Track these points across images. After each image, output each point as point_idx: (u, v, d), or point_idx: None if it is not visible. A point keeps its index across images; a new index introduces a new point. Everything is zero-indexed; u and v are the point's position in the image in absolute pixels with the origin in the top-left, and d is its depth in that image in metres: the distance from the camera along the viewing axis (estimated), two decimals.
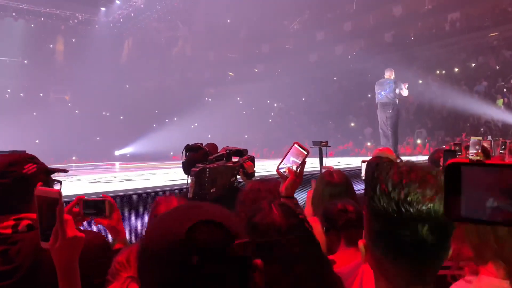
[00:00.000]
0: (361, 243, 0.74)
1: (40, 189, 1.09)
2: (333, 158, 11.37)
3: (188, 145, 2.68)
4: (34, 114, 21.86)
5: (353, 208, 1.77)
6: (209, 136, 20.98)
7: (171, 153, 17.92)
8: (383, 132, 8.79)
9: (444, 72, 17.40)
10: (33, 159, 1.39)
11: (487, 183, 0.47)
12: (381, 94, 8.84)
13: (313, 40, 24.06)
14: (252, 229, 0.94)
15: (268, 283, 0.72)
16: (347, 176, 2.41)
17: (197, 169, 2.23)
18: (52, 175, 1.42)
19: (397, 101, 8.66)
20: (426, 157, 5.33)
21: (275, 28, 25.37)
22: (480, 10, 18.16)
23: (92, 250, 1.25)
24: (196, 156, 2.59)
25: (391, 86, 8.71)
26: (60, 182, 1.43)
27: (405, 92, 8.86)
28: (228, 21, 26.36)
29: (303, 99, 21.29)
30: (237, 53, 26.44)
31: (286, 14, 25.12)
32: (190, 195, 2.21)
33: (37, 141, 19.30)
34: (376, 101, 9.02)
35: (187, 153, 2.67)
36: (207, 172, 2.24)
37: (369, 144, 16.11)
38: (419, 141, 14.63)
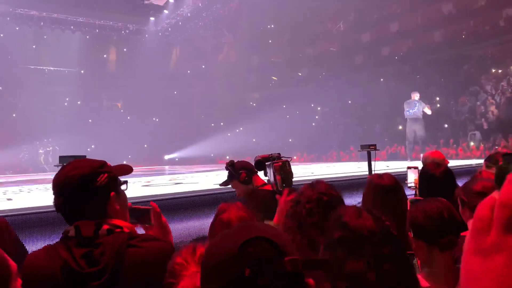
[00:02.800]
0: None
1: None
2: (381, 162, 11.16)
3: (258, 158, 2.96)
4: (90, 121, 23.12)
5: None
6: (254, 140, 21.24)
7: (212, 155, 18.20)
8: (409, 141, 12.11)
9: (500, 71, 16.53)
10: (104, 166, 1.44)
11: None
12: (410, 111, 11.88)
13: (358, 42, 23.69)
14: (342, 226, 1.02)
15: (355, 277, 0.81)
16: (396, 179, 2.41)
17: (282, 162, 2.42)
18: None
19: (421, 116, 11.66)
20: (481, 160, 5.15)
21: (319, 31, 25.24)
22: None
23: (164, 255, 1.30)
24: (244, 163, 2.88)
25: (417, 106, 11.75)
26: (126, 182, 1.50)
27: (428, 111, 11.79)
28: (272, 26, 26.55)
29: (349, 102, 20.98)
30: (281, 57, 26.55)
31: (330, 17, 24.91)
32: (280, 188, 2.39)
33: (92, 146, 20.42)
34: (406, 117, 12.15)
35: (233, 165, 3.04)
36: (287, 166, 2.42)
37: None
38: (472, 144, 14.00)
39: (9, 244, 1.80)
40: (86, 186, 1.34)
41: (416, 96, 12.00)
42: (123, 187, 1.48)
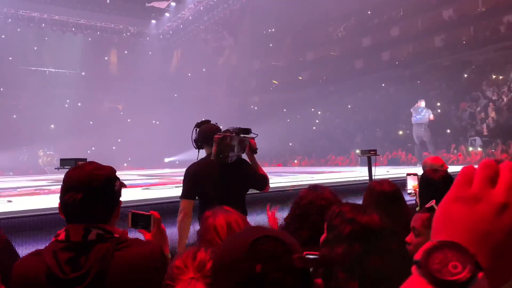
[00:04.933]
0: None
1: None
2: (382, 168, 11.16)
3: (197, 122, 2.94)
4: (90, 123, 23.13)
5: None
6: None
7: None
8: (416, 145, 13.06)
9: (501, 77, 16.56)
10: (116, 173, 1.46)
11: None
12: (416, 117, 12.81)
13: (359, 47, 23.74)
14: (350, 222, 1.05)
15: (368, 267, 0.83)
16: (397, 185, 2.42)
17: (220, 136, 2.55)
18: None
19: (427, 122, 12.68)
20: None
21: (320, 36, 25.31)
22: None
23: (151, 260, 1.36)
24: (210, 128, 2.85)
25: (424, 112, 12.75)
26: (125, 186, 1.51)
27: (431, 117, 12.78)
28: (273, 30, 26.63)
29: (349, 106, 21.00)
30: (282, 61, 26.62)
31: (331, 21, 24.99)
32: (213, 157, 2.56)
33: (92, 148, 20.40)
34: (413, 122, 13.01)
35: (197, 129, 2.92)
36: (228, 139, 2.55)
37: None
38: (471, 149, 14.04)
39: None
40: (108, 187, 1.38)
41: (422, 103, 12.99)
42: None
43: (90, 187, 1.34)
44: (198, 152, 2.92)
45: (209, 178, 2.68)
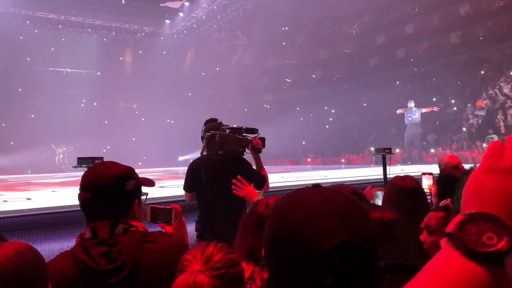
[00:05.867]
0: None
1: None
2: (396, 166, 11.07)
3: (206, 120, 3.10)
4: (106, 122, 23.44)
5: None
6: (266, 142, 21.23)
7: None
8: (407, 144, 14.02)
9: None
10: (133, 173, 1.49)
11: None
12: (411, 117, 13.65)
13: (373, 44, 23.52)
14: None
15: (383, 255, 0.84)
16: (418, 181, 2.40)
17: (210, 133, 2.75)
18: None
19: (419, 122, 13.70)
20: None
21: (333, 33, 25.13)
22: None
23: (179, 250, 1.35)
24: (212, 126, 2.97)
25: (416, 112, 13.60)
26: (146, 194, 1.55)
27: (423, 111, 13.68)
28: (286, 28, 26.56)
29: (364, 104, 20.82)
30: (295, 59, 26.53)
31: (345, 19, 24.78)
32: (200, 153, 2.78)
33: (108, 147, 20.69)
34: (407, 122, 13.88)
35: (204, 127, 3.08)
36: (217, 137, 2.70)
37: (432, 150, 15.45)
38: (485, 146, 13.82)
39: None
40: (116, 187, 1.39)
41: (411, 103, 13.82)
42: (142, 197, 1.53)
43: (97, 187, 1.37)
44: None
45: (203, 173, 2.79)
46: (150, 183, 1.58)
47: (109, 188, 1.38)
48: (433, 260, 0.42)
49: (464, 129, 15.58)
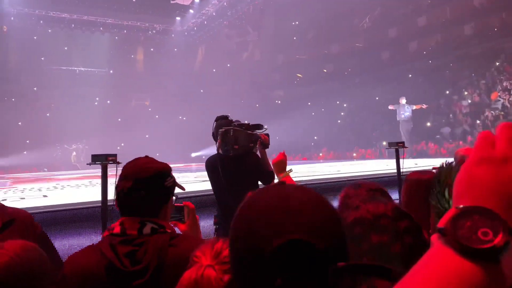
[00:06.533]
0: None
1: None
2: (409, 160, 10.99)
3: (217, 117, 3.17)
4: (119, 120, 23.69)
5: None
6: (277, 138, 21.25)
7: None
8: (405, 139, 13.27)
9: None
10: (171, 171, 1.49)
11: None
12: (404, 114, 14.16)
13: (385, 37, 23.27)
14: (355, 209, 1.07)
15: (379, 251, 0.83)
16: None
17: (224, 129, 2.82)
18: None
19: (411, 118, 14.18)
20: None
21: (344, 27, 24.92)
22: None
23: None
24: (223, 122, 3.04)
25: (408, 109, 14.18)
26: (177, 196, 1.56)
27: (414, 108, 14.21)
28: (296, 22, 26.43)
29: (377, 98, 20.64)
30: (306, 54, 26.41)
31: (356, 12, 24.56)
32: (218, 150, 2.84)
33: (122, 144, 20.94)
34: (398, 119, 14.43)
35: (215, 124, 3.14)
36: (231, 132, 2.79)
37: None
38: None
39: (33, 240, 1.78)
40: (157, 180, 1.40)
41: (403, 100, 14.28)
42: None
43: (139, 177, 1.37)
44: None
45: (214, 169, 2.90)
46: (181, 187, 1.60)
47: (151, 180, 1.38)
48: (424, 258, 0.39)
49: (478, 121, 15.36)
